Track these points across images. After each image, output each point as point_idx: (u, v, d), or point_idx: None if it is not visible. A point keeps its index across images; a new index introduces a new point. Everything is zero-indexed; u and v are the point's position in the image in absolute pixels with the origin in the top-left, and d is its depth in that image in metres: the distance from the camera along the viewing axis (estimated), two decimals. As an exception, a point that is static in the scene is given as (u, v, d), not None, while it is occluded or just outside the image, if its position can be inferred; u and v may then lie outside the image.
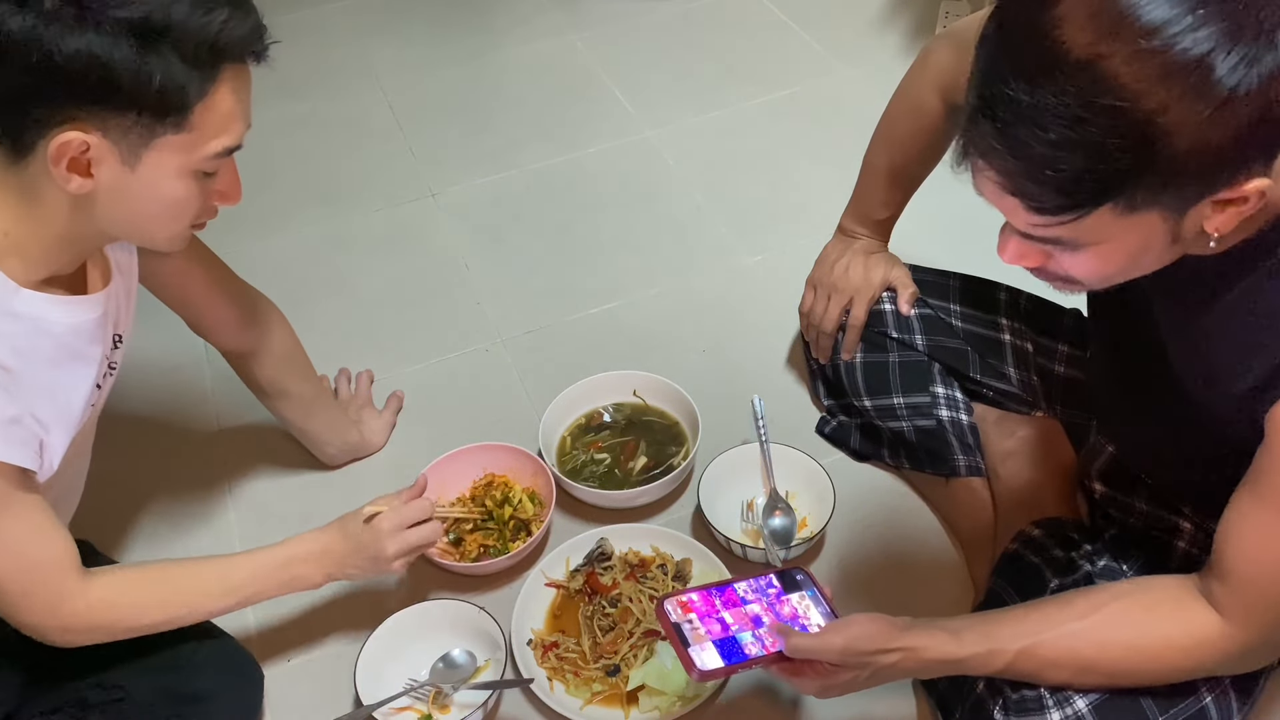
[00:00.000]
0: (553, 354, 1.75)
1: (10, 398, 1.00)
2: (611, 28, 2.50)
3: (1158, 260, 0.89)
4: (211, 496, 1.57)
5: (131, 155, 0.96)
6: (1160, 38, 0.74)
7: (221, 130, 0.99)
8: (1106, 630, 1.00)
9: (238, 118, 1.01)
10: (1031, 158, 0.79)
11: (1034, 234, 0.86)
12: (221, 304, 1.38)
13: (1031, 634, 1.01)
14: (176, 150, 0.98)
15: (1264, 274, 0.90)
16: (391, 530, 1.26)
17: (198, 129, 0.97)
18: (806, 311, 1.53)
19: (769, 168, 2.08)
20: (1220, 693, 1.03)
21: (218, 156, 1.01)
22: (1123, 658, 1.00)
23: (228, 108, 0.99)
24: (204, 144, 0.99)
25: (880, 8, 2.46)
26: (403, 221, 2.03)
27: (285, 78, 2.38)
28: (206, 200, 1.05)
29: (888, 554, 1.44)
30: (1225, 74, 0.74)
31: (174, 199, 1.01)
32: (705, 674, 1.02)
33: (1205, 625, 0.96)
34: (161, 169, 0.98)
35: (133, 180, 0.98)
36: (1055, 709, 1.02)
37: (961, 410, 1.46)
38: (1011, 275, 1.45)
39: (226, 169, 1.06)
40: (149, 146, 0.96)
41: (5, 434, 0.99)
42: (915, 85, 1.37)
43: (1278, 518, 0.91)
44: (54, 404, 1.06)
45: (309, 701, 1.32)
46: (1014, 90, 0.78)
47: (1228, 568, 0.95)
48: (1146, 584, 1.04)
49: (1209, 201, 0.81)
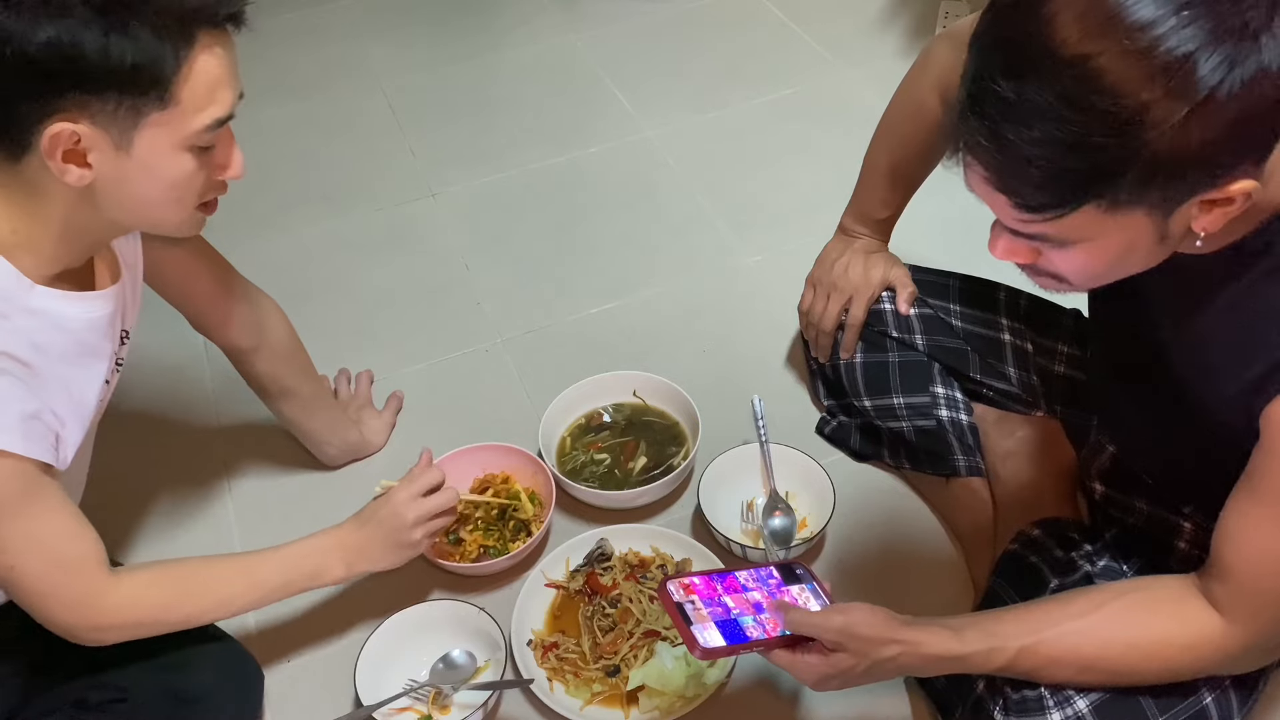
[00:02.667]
0: (553, 354, 1.75)
1: (31, 393, 1.00)
2: (611, 28, 2.50)
3: (1146, 259, 0.89)
4: (211, 495, 1.57)
5: (123, 139, 0.96)
6: (1146, 36, 0.74)
7: (209, 100, 0.98)
8: (1107, 629, 1.00)
9: (225, 86, 0.99)
10: (1017, 155, 0.79)
11: (1021, 230, 0.86)
12: (224, 301, 1.38)
13: (1032, 632, 1.00)
14: (166, 127, 0.97)
15: (1260, 274, 0.90)
16: (408, 499, 1.28)
17: (183, 102, 0.96)
18: (806, 310, 1.53)
19: (769, 168, 2.08)
20: (1221, 692, 1.03)
21: (210, 129, 0.99)
22: (1123, 656, 1.00)
23: (211, 77, 0.97)
24: (193, 117, 0.97)
25: (880, 8, 2.46)
26: (403, 221, 2.03)
27: (285, 78, 2.39)
28: (210, 176, 1.04)
29: (888, 554, 1.44)
30: (1207, 74, 0.74)
31: (174, 178, 1.01)
32: (708, 651, 1.02)
33: (1206, 624, 0.96)
34: (155, 148, 0.97)
35: (130, 164, 0.97)
36: (1056, 709, 1.02)
37: (961, 410, 1.46)
38: (1011, 276, 1.46)
39: (223, 141, 1.04)
40: (138, 127, 0.95)
41: (27, 429, 1.00)
42: (916, 85, 1.37)
43: (1274, 515, 0.91)
44: (69, 399, 1.06)
45: (309, 701, 1.32)
46: (1001, 87, 0.78)
47: (1226, 567, 0.95)
48: (1148, 583, 1.04)
49: (1196, 201, 0.81)
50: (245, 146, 1.05)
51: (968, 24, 1.26)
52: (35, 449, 1.00)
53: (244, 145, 1.05)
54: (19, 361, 1.00)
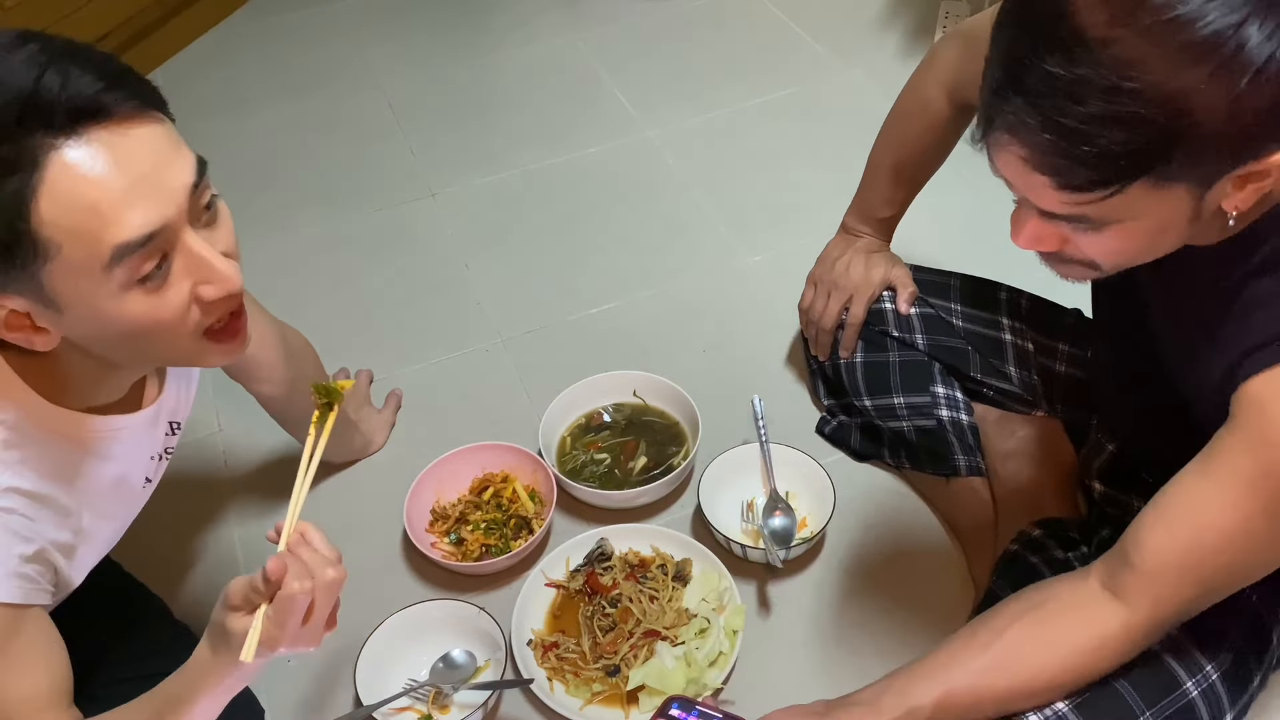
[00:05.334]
0: (553, 354, 1.75)
1: (36, 530, 0.91)
2: (611, 28, 2.50)
3: (1176, 240, 0.88)
4: (211, 494, 1.57)
5: (44, 298, 0.79)
6: (1189, 6, 0.73)
7: (99, 229, 0.75)
8: (1011, 657, 0.99)
9: (118, 205, 0.75)
10: (1066, 132, 0.78)
11: (1059, 213, 0.85)
12: (264, 363, 1.32)
13: (943, 683, 0.99)
14: (73, 280, 0.77)
15: (1249, 270, 0.90)
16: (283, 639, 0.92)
17: (64, 245, 0.75)
18: (806, 308, 1.53)
19: (769, 168, 2.08)
20: (1208, 688, 1.03)
21: (122, 258, 0.77)
22: (1033, 679, 0.99)
23: (87, 199, 0.74)
24: (91, 257, 0.76)
25: (880, 8, 2.46)
26: (403, 221, 2.03)
27: (285, 78, 2.39)
28: (186, 304, 0.84)
29: (888, 554, 1.44)
30: (1259, 43, 0.73)
31: (134, 320, 0.82)
32: None
33: (1109, 620, 0.96)
34: (83, 302, 0.79)
35: (73, 320, 0.81)
36: (1033, 711, 1.02)
37: (962, 410, 1.45)
38: (1012, 276, 1.46)
39: (183, 260, 0.82)
40: (44, 287, 0.78)
41: (19, 580, 0.90)
42: (922, 84, 1.37)
43: (1217, 491, 0.90)
44: (96, 514, 1.00)
45: (309, 701, 1.32)
46: (1049, 64, 0.77)
47: (1150, 549, 0.93)
48: (1042, 595, 1.02)
49: (1232, 177, 0.81)
50: (246, 146, 0.99)
51: (975, 23, 1.27)
52: (22, 596, 0.90)
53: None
54: (28, 496, 0.91)
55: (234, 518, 1.54)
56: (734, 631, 1.31)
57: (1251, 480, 0.88)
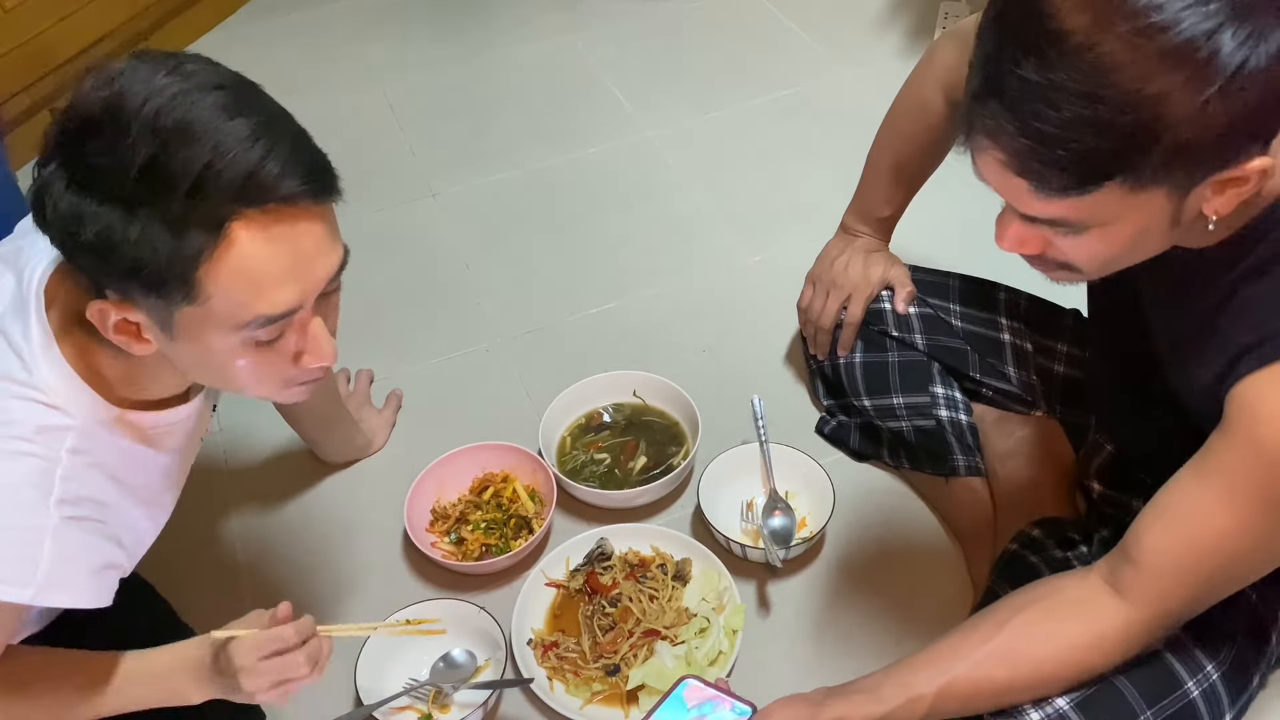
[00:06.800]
0: (553, 354, 1.75)
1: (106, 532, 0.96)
2: (611, 28, 2.50)
3: (1158, 244, 0.89)
4: (211, 494, 1.57)
5: (165, 323, 0.84)
6: (1164, 13, 0.74)
7: (251, 297, 0.82)
8: (1013, 649, 0.99)
9: (276, 280, 0.83)
10: (1041, 136, 0.79)
11: (1038, 216, 0.86)
12: None
13: (945, 672, 1.00)
14: (201, 323, 0.84)
15: (1242, 272, 0.91)
16: (245, 666, 1.01)
17: (214, 298, 0.81)
18: (804, 307, 1.53)
19: (769, 168, 2.08)
20: (1208, 688, 1.03)
21: (258, 326, 0.85)
22: (1035, 671, 0.99)
23: (253, 270, 0.81)
24: (230, 315, 0.83)
25: (880, 8, 2.46)
26: (403, 221, 2.03)
27: (285, 78, 2.39)
28: (286, 363, 0.91)
29: (888, 554, 1.44)
30: (1232, 50, 0.73)
31: (232, 366, 0.89)
32: None
33: (1110, 616, 0.97)
34: (198, 340, 0.85)
35: (180, 348, 0.87)
36: (1034, 709, 1.02)
37: (961, 410, 1.46)
38: (1011, 276, 1.46)
39: (297, 332, 0.89)
40: (172, 318, 0.83)
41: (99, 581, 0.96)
42: (921, 83, 1.37)
43: (1213, 494, 0.90)
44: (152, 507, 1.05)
45: (309, 701, 1.32)
46: (1024, 69, 0.78)
47: (1149, 548, 0.94)
48: (1045, 590, 1.03)
49: (1211, 182, 0.81)
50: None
51: (972, 23, 1.27)
52: (105, 599, 0.96)
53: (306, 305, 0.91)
54: (98, 503, 0.95)
55: (234, 518, 1.54)
56: (734, 631, 1.31)
57: (1245, 481, 0.88)
